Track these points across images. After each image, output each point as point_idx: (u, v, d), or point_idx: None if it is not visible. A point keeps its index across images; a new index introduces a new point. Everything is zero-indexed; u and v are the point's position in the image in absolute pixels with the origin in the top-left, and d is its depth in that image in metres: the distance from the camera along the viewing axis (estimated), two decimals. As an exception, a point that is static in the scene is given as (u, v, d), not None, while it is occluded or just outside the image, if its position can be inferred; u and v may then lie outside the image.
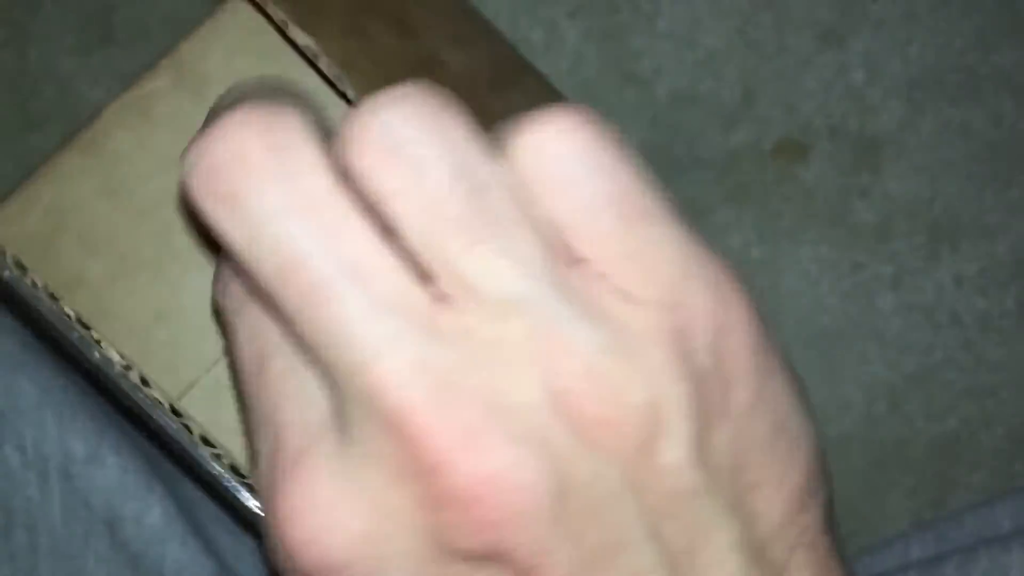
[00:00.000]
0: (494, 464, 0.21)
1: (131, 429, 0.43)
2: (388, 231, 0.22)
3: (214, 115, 0.24)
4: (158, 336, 0.32)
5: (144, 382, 0.28)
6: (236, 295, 0.25)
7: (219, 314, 0.28)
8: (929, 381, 0.65)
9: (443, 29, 0.35)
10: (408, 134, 0.22)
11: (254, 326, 0.25)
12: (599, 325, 0.22)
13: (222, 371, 0.34)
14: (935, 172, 0.65)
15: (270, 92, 0.25)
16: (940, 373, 0.65)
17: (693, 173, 0.65)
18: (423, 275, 0.22)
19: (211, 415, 0.33)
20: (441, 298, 0.22)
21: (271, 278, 0.22)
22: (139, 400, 0.28)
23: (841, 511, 0.65)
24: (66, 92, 0.64)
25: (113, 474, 0.40)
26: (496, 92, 0.32)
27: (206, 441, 0.28)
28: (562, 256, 0.22)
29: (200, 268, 0.32)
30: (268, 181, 0.22)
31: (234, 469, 0.28)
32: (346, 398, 0.22)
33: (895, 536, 0.55)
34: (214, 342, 0.32)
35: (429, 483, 0.22)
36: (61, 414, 0.39)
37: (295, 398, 0.24)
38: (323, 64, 0.29)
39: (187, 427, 0.28)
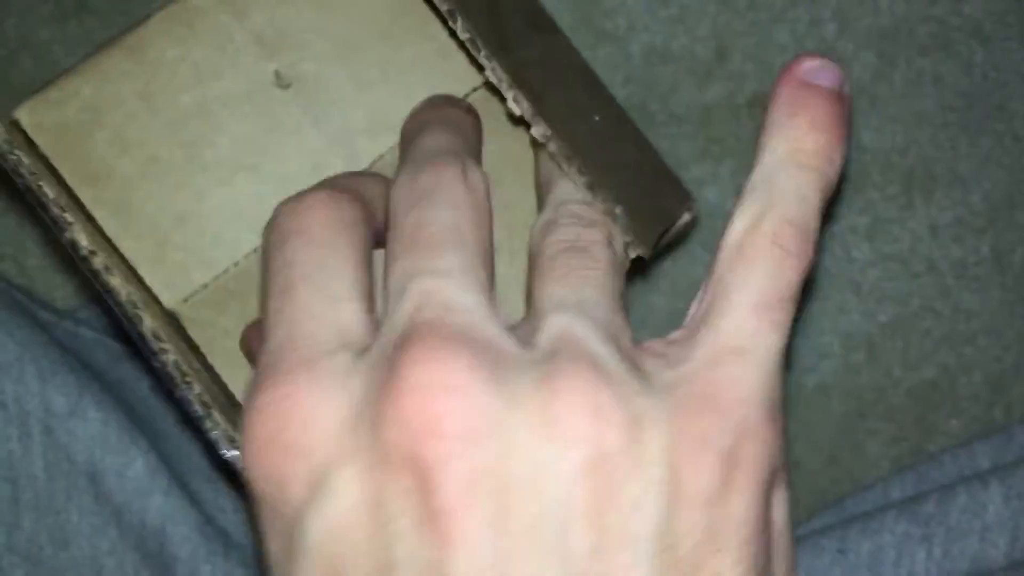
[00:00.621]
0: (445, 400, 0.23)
1: (113, 383, 0.43)
2: None
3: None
4: (174, 238, 0.33)
5: (107, 270, 0.29)
6: (287, 228, 0.27)
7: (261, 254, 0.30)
8: (907, 330, 0.65)
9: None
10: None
11: (294, 256, 0.27)
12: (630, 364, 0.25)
13: (229, 279, 0.35)
14: (908, 123, 0.65)
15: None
16: (917, 321, 0.65)
17: (669, 128, 0.65)
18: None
19: (213, 318, 0.34)
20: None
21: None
22: (99, 284, 0.29)
23: (821, 460, 0.65)
24: (44, 61, 0.64)
25: (95, 427, 0.40)
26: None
27: (178, 367, 0.29)
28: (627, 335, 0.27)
29: (223, 182, 0.34)
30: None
31: (201, 399, 0.29)
32: (395, 311, 0.24)
33: (876, 479, 0.55)
34: (225, 251, 0.34)
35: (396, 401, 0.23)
36: (42, 369, 0.39)
37: (315, 318, 0.25)
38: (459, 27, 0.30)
39: (164, 350, 0.29)
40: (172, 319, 0.34)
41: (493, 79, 0.30)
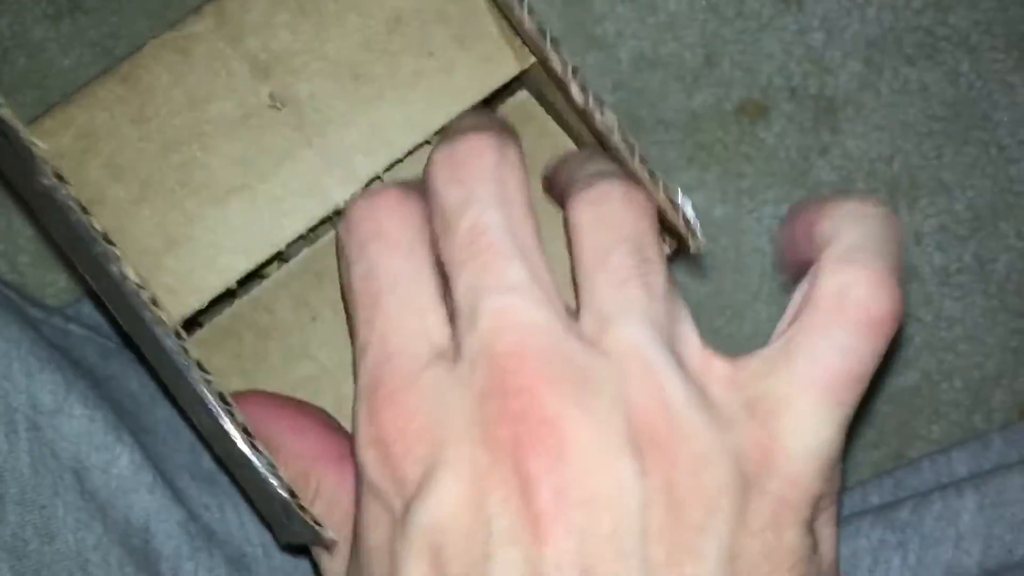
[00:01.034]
0: (556, 405, 0.25)
1: (101, 379, 0.43)
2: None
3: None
4: (167, 263, 0.33)
5: (153, 302, 0.29)
6: (366, 231, 0.29)
7: (339, 250, 0.30)
8: (889, 336, 0.66)
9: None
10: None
11: (375, 263, 0.28)
12: (695, 388, 0.27)
13: (224, 319, 0.35)
14: (894, 131, 0.66)
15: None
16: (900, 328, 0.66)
17: (657, 135, 0.65)
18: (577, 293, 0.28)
19: (207, 357, 0.34)
20: (580, 314, 0.27)
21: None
22: (146, 319, 0.29)
23: (804, 464, 0.66)
24: (37, 59, 0.65)
25: (81, 424, 0.40)
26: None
27: (200, 367, 0.29)
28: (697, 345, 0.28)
29: (215, 203, 0.34)
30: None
31: (222, 397, 0.29)
32: (472, 331, 0.26)
33: (855, 483, 0.56)
34: (218, 276, 0.34)
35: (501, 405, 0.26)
36: (29, 366, 0.39)
37: (407, 333, 0.28)
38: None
39: (185, 349, 0.29)
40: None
41: (557, 67, 0.30)
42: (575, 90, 0.30)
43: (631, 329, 0.27)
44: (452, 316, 0.28)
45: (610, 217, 0.28)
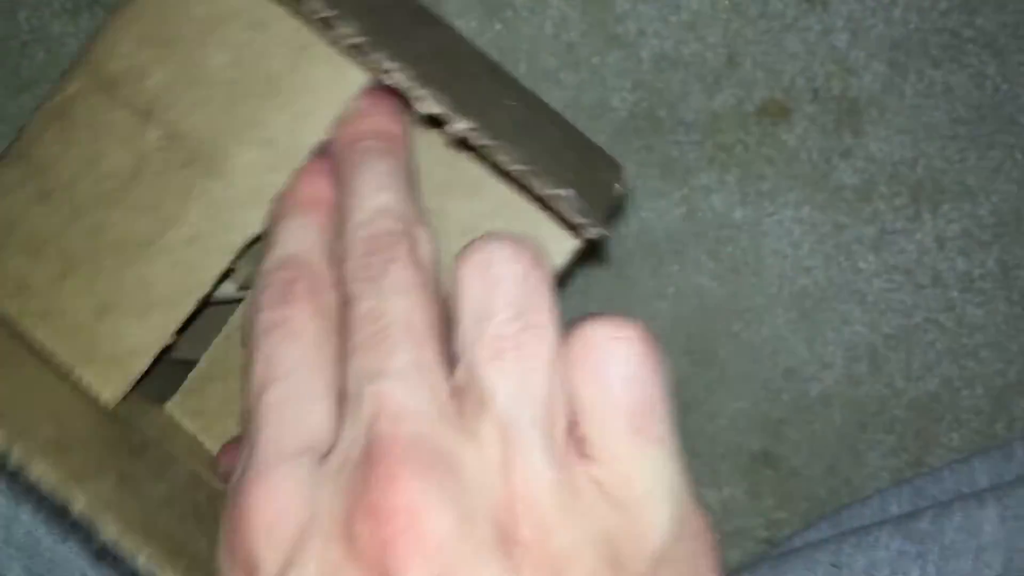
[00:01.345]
0: (416, 504, 0.24)
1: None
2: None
3: None
4: (101, 330, 0.33)
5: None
6: (269, 321, 0.29)
7: (244, 334, 0.29)
8: (910, 341, 0.65)
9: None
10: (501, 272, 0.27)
11: (274, 351, 0.28)
12: (561, 476, 0.25)
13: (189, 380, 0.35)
14: (918, 134, 0.65)
15: None
16: (921, 333, 0.65)
17: (677, 135, 0.65)
18: (454, 368, 0.27)
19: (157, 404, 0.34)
20: (458, 394, 0.26)
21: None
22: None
23: (821, 469, 0.65)
24: (56, 54, 0.65)
25: None
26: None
27: None
28: (565, 425, 0.26)
29: (133, 260, 0.33)
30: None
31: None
32: (352, 422, 0.26)
33: (874, 491, 0.55)
34: (153, 334, 0.33)
35: (370, 497, 0.25)
36: None
37: (285, 423, 0.27)
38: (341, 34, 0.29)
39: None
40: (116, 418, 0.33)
41: (397, 81, 0.29)
42: (423, 102, 0.29)
43: (503, 414, 0.26)
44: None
45: (493, 279, 0.27)
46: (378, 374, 0.26)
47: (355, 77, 0.33)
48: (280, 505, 0.26)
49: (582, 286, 0.66)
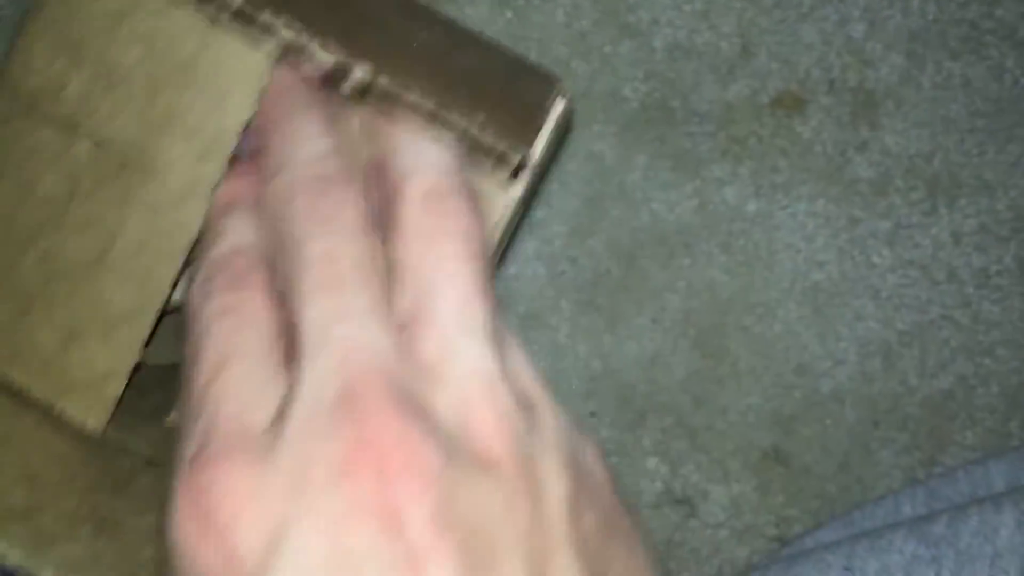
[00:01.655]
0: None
1: None
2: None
3: None
4: (71, 358, 0.32)
5: None
6: (219, 300, 0.28)
7: (185, 312, 0.29)
8: (924, 338, 0.64)
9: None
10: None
11: (228, 329, 0.28)
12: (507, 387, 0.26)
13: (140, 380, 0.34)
14: (935, 127, 0.64)
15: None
16: (936, 330, 0.64)
17: (690, 126, 0.64)
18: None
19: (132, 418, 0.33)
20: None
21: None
22: None
23: (833, 467, 0.64)
24: None
25: None
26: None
27: None
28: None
29: (88, 281, 0.32)
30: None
31: None
32: (315, 366, 0.25)
33: (887, 493, 0.54)
34: (123, 353, 0.32)
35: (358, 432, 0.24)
36: None
37: (243, 400, 0.26)
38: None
39: None
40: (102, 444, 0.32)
41: (288, 36, 0.28)
42: (318, 51, 0.28)
43: (472, 352, 0.26)
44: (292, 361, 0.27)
45: (442, 217, 0.28)
46: (343, 316, 0.26)
47: (266, 45, 0.32)
48: (256, 475, 0.25)
49: (591, 278, 0.65)
